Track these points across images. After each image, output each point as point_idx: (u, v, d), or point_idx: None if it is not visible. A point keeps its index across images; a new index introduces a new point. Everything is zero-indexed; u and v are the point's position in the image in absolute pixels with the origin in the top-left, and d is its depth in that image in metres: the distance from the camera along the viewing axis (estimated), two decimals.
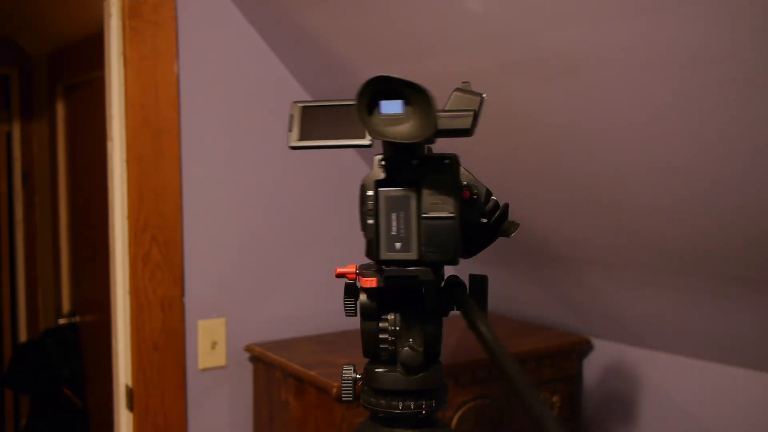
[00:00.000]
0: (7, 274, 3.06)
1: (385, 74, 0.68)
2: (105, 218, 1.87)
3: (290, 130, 0.79)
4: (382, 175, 0.74)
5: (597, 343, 1.94)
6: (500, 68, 1.35)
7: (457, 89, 0.74)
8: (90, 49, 2.16)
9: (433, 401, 0.79)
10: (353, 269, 0.80)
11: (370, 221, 0.72)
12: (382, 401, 0.79)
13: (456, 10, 1.30)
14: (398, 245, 0.72)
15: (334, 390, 1.49)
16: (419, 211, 0.72)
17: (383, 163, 0.74)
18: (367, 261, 0.82)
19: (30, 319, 3.04)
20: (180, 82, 1.73)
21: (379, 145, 0.78)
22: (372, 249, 0.73)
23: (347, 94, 0.81)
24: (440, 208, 0.72)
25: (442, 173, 0.73)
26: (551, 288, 1.92)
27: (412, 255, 0.73)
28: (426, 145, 0.77)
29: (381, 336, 0.79)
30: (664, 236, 1.48)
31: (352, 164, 1.93)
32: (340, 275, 0.81)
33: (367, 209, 0.72)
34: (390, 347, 0.78)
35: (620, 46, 1.15)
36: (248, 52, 1.83)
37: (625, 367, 1.88)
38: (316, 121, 0.80)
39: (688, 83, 1.14)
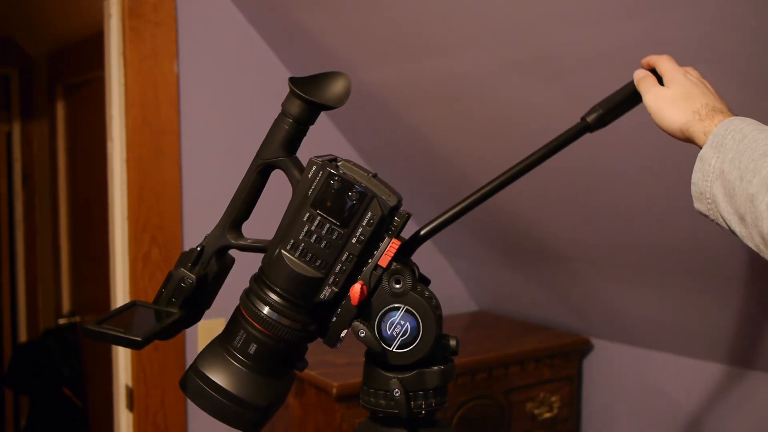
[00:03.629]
0: (7, 274, 3.06)
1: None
2: (105, 218, 1.87)
3: (124, 337, 0.77)
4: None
5: (597, 343, 1.94)
6: (501, 68, 1.35)
7: None
8: (90, 49, 2.16)
9: (433, 401, 0.79)
10: (359, 283, 0.76)
11: (363, 183, 0.78)
12: (382, 401, 0.78)
13: (456, 10, 1.30)
14: (384, 197, 0.79)
15: (334, 390, 1.49)
16: (365, 174, 0.80)
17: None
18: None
19: (30, 319, 3.04)
20: (180, 82, 1.73)
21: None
22: (382, 200, 0.78)
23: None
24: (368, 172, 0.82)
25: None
26: (551, 288, 1.92)
27: (393, 200, 0.80)
28: None
29: (434, 300, 0.80)
30: (664, 236, 1.48)
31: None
32: (359, 300, 0.76)
33: (352, 177, 0.77)
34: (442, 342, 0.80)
35: (621, 46, 1.15)
36: (248, 52, 1.83)
37: (625, 367, 1.88)
38: (127, 323, 0.80)
39: None
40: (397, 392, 0.77)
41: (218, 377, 0.77)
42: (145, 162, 1.69)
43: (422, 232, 0.85)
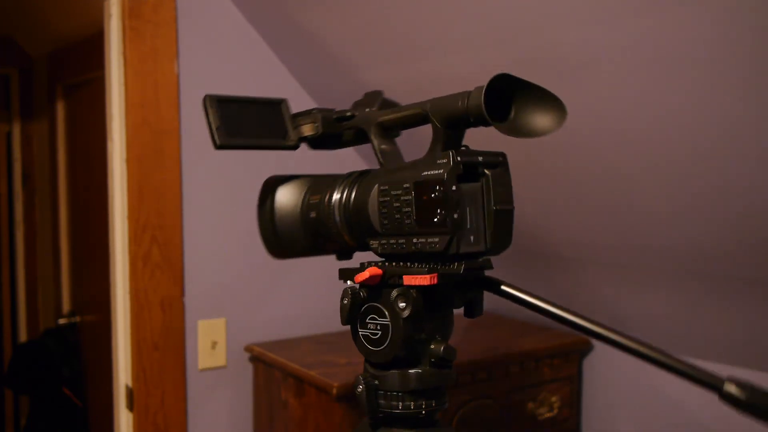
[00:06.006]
0: (7, 274, 3.06)
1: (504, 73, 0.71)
2: (105, 218, 1.87)
3: (213, 127, 0.79)
4: (442, 170, 0.72)
5: (597, 343, 1.94)
6: (501, 68, 1.35)
7: None
8: (90, 49, 2.16)
9: (433, 401, 0.78)
10: (378, 272, 0.76)
11: (456, 216, 0.71)
12: (382, 401, 0.78)
13: (457, 10, 1.30)
14: (472, 238, 0.73)
15: (334, 390, 1.49)
16: (490, 204, 0.74)
17: (459, 158, 0.72)
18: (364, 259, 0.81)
19: (30, 319, 3.04)
20: (180, 82, 1.73)
21: (303, 149, 0.87)
22: (452, 243, 0.72)
23: (347, 94, 0.81)
24: (506, 201, 0.74)
25: (502, 168, 0.76)
26: (551, 288, 1.92)
27: (481, 247, 0.74)
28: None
29: (417, 336, 0.76)
30: (664, 237, 1.48)
31: (352, 163, 1.93)
32: (363, 282, 0.76)
33: (453, 203, 0.71)
34: (421, 346, 0.77)
35: (623, 46, 1.15)
36: (248, 52, 1.83)
37: (625, 367, 1.88)
38: (237, 118, 0.81)
39: (691, 84, 1.14)
40: (359, 388, 0.77)
41: (280, 205, 0.86)
42: (145, 162, 1.69)
43: (502, 287, 0.78)
